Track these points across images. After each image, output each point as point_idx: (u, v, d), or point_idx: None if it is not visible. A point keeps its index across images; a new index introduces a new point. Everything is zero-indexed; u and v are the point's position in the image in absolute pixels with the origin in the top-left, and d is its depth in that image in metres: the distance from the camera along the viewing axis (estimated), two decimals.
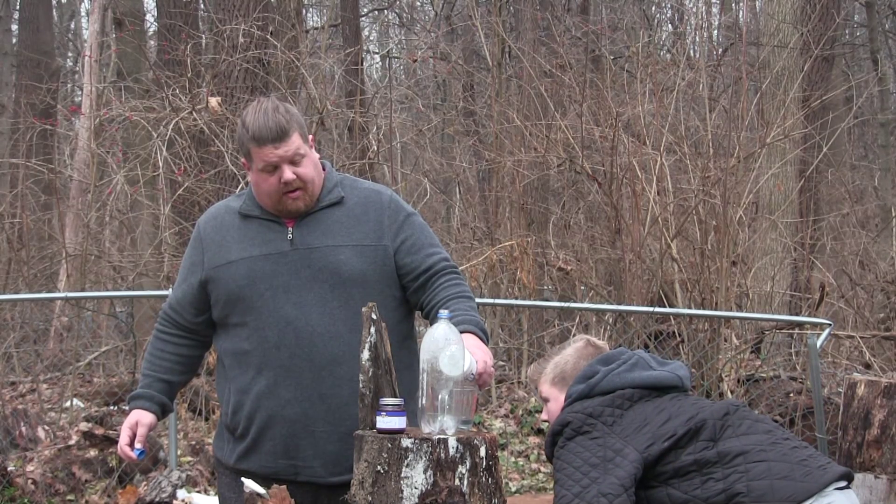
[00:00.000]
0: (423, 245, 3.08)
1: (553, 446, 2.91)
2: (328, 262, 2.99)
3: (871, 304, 8.90)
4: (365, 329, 2.74)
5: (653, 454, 2.78)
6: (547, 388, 3.15)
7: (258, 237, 3.05)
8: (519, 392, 8.31)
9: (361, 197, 3.10)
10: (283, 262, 3.00)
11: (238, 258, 3.04)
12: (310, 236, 3.03)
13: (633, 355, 3.07)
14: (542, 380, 3.17)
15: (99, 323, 9.43)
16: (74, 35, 22.13)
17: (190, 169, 8.75)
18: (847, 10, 15.46)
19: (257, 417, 3.01)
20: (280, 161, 2.97)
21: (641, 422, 2.87)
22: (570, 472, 2.81)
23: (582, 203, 10.22)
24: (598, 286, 8.75)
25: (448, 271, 3.08)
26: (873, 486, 4.37)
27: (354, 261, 3.00)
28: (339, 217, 3.06)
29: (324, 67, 10.24)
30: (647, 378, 2.98)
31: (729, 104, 10.17)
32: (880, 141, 17.59)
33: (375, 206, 3.08)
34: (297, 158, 2.98)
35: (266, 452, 3.01)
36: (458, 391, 2.64)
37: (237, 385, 3.05)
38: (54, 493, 6.10)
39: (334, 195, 3.08)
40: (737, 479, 2.73)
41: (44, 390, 8.17)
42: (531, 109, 9.98)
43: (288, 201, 3.01)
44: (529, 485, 6.82)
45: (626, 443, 2.83)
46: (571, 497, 2.75)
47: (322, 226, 3.04)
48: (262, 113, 2.98)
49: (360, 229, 3.04)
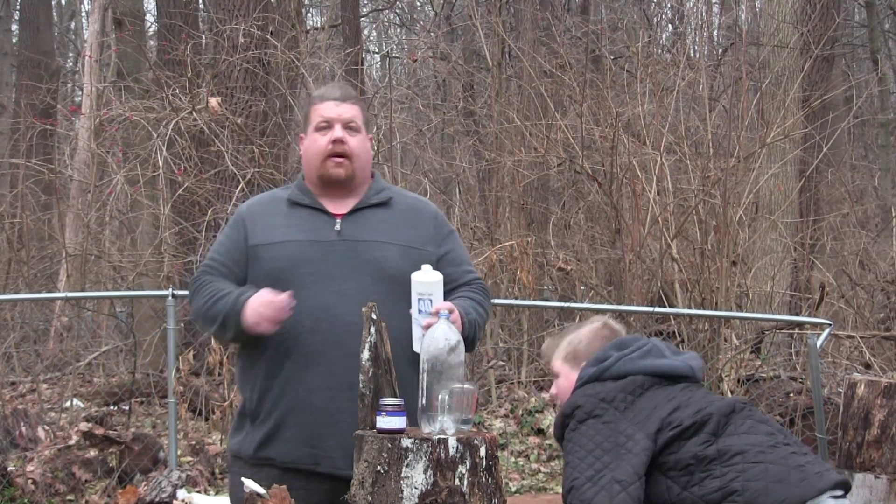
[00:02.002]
0: (463, 261, 3.20)
1: (563, 428, 2.90)
2: (373, 257, 3.03)
3: (871, 304, 8.90)
4: (365, 329, 2.74)
5: (660, 442, 2.78)
6: (559, 364, 3.15)
7: (305, 224, 3.09)
8: (519, 392, 8.31)
9: (409, 203, 3.21)
10: (328, 250, 3.03)
11: (283, 240, 3.06)
12: (357, 230, 3.08)
13: (648, 342, 3.06)
14: (555, 355, 3.17)
15: (99, 323, 9.43)
16: (74, 35, 22.13)
17: (190, 169, 8.75)
18: (847, 10, 15.46)
19: (282, 402, 3.00)
20: (335, 119, 3.09)
21: (651, 409, 2.86)
22: (582, 456, 2.79)
23: (582, 203, 10.22)
24: (598, 286, 8.75)
25: (479, 286, 3.17)
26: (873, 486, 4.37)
27: (399, 259, 3.05)
28: (386, 217, 3.13)
29: (324, 67, 10.24)
30: (659, 366, 2.97)
31: (729, 104, 10.18)
32: (880, 141, 17.59)
33: (423, 214, 3.18)
34: (351, 125, 3.10)
35: (288, 440, 2.99)
36: (457, 391, 2.64)
37: (265, 369, 3.04)
38: (54, 493, 6.10)
39: (383, 195, 3.16)
40: (733, 478, 2.71)
41: (44, 390, 8.17)
42: (531, 109, 9.98)
43: (330, 164, 3.10)
44: (529, 485, 6.82)
45: (637, 429, 2.81)
46: (584, 480, 2.74)
47: (370, 223, 3.10)
48: (337, 83, 3.25)
49: (407, 232, 3.11)
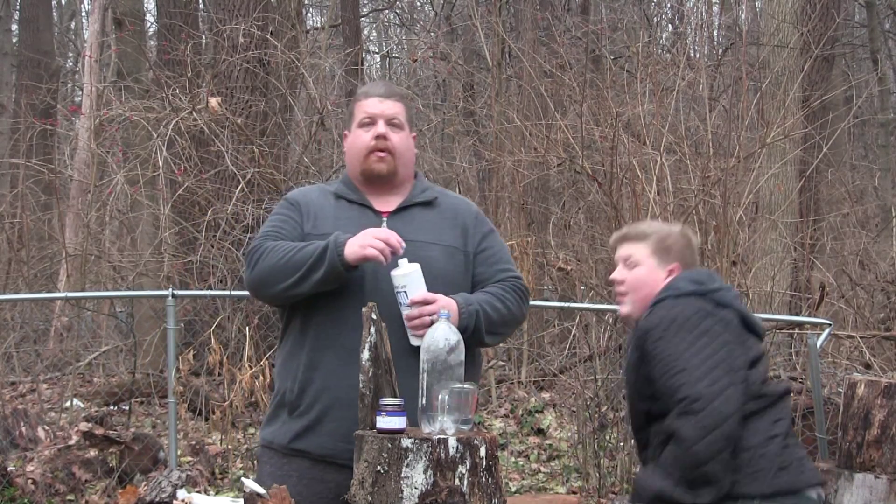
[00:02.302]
0: (500, 260, 3.20)
1: (660, 329, 2.86)
2: (418, 257, 3.02)
3: (871, 304, 8.90)
4: (365, 329, 2.74)
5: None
6: (645, 253, 3.09)
7: (353, 220, 3.11)
8: (519, 392, 8.31)
9: (451, 203, 3.24)
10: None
11: (333, 232, 3.05)
12: (403, 228, 3.08)
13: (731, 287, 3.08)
14: (643, 242, 3.11)
15: (99, 323, 9.44)
16: (74, 35, 22.12)
17: (190, 169, 8.75)
18: (847, 10, 15.46)
19: (325, 396, 3.00)
20: (379, 115, 3.13)
21: (743, 351, 2.88)
22: (695, 364, 2.76)
23: (582, 203, 10.22)
24: (598, 286, 8.74)
25: (511, 283, 3.15)
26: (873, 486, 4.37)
27: (443, 260, 3.08)
28: (431, 217, 3.16)
29: (324, 67, 10.23)
30: (748, 314, 2.98)
31: (729, 104, 10.17)
32: (880, 141, 17.58)
33: (465, 214, 3.21)
34: (394, 121, 3.14)
35: (326, 433, 2.98)
36: (457, 391, 2.64)
37: (308, 361, 3.04)
38: (54, 493, 6.10)
39: (427, 195, 3.21)
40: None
41: (44, 390, 8.18)
42: (531, 109, 9.98)
43: (373, 159, 3.13)
44: (529, 485, 6.82)
45: (742, 364, 2.84)
46: (696, 382, 2.74)
47: (415, 222, 3.13)
48: (382, 80, 3.21)
49: (451, 232, 3.15)
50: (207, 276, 8.22)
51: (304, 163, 9.49)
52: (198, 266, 8.23)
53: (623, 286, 3.10)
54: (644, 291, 3.06)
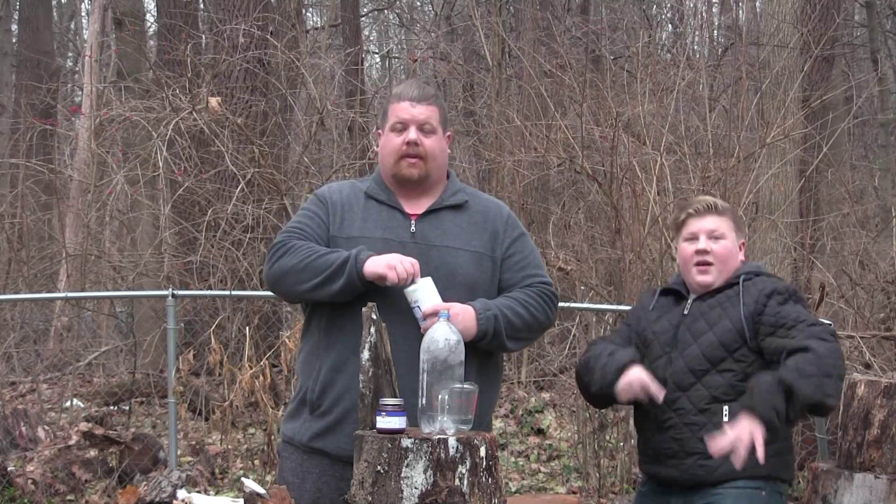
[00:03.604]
0: (528, 265, 3.18)
1: (792, 292, 3.20)
2: (445, 263, 3.03)
3: (871, 304, 8.88)
4: (365, 329, 2.74)
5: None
6: (728, 227, 3.33)
7: (381, 221, 3.10)
8: (519, 392, 8.30)
9: (482, 207, 3.21)
10: (402, 251, 3.02)
11: (360, 235, 3.07)
12: (431, 233, 3.08)
13: None
14: (725, 216, 3.34)
15: (99, 323, 9.44)
16: (74, 35, 22.11)
17: (190, 169, 8.74)
18: (847, 10, 15.44)
19: (346, 398, 3.00)
20: (410, 121, 3.11)
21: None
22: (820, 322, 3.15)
23: (582, 203, 10.21)
24: (598, 286, 8.74)
25: (537, 288, 3.14)
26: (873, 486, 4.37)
27: (470, 267, 3.06)
28: (460, 221, 3.14)
29: (324, 67, 10.23)
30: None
31: (729, 104, 10.17)
32: (880, 141, 17.57)
33: (495, 218, 3.18)
34: (426, 127, 3.12)
35: (347, 434, 2.97)
36: (457, 391, 2.64)
37: (331, 362, 3.05)
38: (54, 493, 6.10)
39: (458, 198, 3.18)
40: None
41: (44, 390, 8.18)
42: (531, 109, 9.97)
43: (404, 164, 3.11)
44: (529, 485, 6.82)
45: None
46: (828, 330, 3.07)
47: (444, 225, 3.11)
48: (415, 81, 3.18)
49: (480, 237, 3.13)
50: (207, 276, 8.22)
51: (304, 163, 9.49)
52: (198, 266, 8.23)
53: (711, 256, 3.28)
54: (730, 263, 3.30)
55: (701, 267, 3.27)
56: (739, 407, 3.01)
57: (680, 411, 3.19)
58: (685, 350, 3.21)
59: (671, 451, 3.21)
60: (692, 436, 3.16)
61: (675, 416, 3.19)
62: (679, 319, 3.28)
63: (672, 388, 3.19)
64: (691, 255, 3.29)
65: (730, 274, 3.29)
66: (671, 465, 3.22)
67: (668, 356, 3.24)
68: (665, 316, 3.32)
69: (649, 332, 3.32)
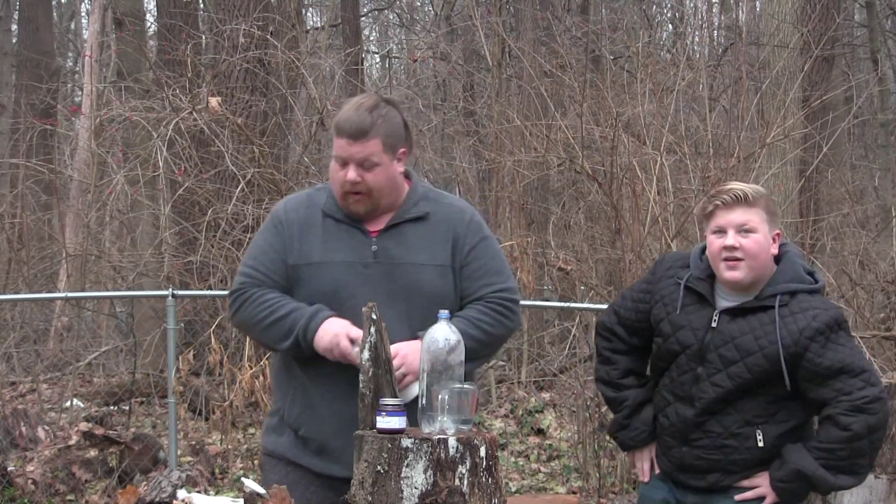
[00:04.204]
0: (485, 273, 3.06)
1: (837, 325, 3.04)
2: (410, 280, 2.97)
3: (871, 304, 8.88)
4: (365, 329, 2.74)
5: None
6: (760, 219, 3.09)
7: (341, 242, 3.01)
8: (519, 392, 8.30)
9: (445, 214, 3.07)
10: (365, 273, 2.97)
11: (321, 260, 2.99)
12: (394, 250, 3.00)
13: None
14: (756, 207, 3.09)
15: (99, 323, 9.44)
16: (74, 35, 22.11)
17: (190, 169, 8.74)
18: (847, 10, 15.44)
19: (328, 424, 2.99)
20: (348, 159, 2.94)
21: None
22: (868, 365, 3.06)
23: (582, 203, 10.20)
24: (598, 286, 8.74)
25: (494, 301, 3.05)
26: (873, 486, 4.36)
27: (436, 282, 3.00)
28: (423, 234, 3.03)
29: (324, 67, 10.23)
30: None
31: (729, 104, 10.17)
32: (880, 141, 17.58)
33: (456, 224, 3.06)
34: (367, 164, 2.93)
35: (328, 455, 2.99)
36: (457, 391, 2.64)
37: (308, 388, 3.01)
38: (54, 493, 6.10)
39: (419, 209, 3.05)
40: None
41: (44, 390, 8.18)
42: (531, 109, 9.97)
43: (350, 200, 2.99)
44: (529, 485, 6.82)
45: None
46: (875, 385, 3.01)
47: (406, 240, 3.01)
48: (356, 107, 2.94)
49: (443, 248, 3.03)
50: (207, 276, 8.22)
51: (304, 163, 9.49)
52: (198, 266, 8.23)
53: (740, 252, 3.06)
54: (761, 258, 3.08)
55: (730, 262, 3.07)
56: (770, 469, 3.08)
57: (711, 434, 3.10)
58: (714, 375, 3.07)
59: (698, 467, 3.14)
60: (723, 458, 3.10)
61: (705, 437, 3.11)
62: (705, 333, 3.10)
63: (699, 412, 3.10)
64: (719, 250, 3.08)
65: (763, 270, 3.09)
66: (694, 478, 3.16)
67: (693, 373, 3.12)
68: (690, 324, 3.13)
69: (674, 339, 3.15)
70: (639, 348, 3.30)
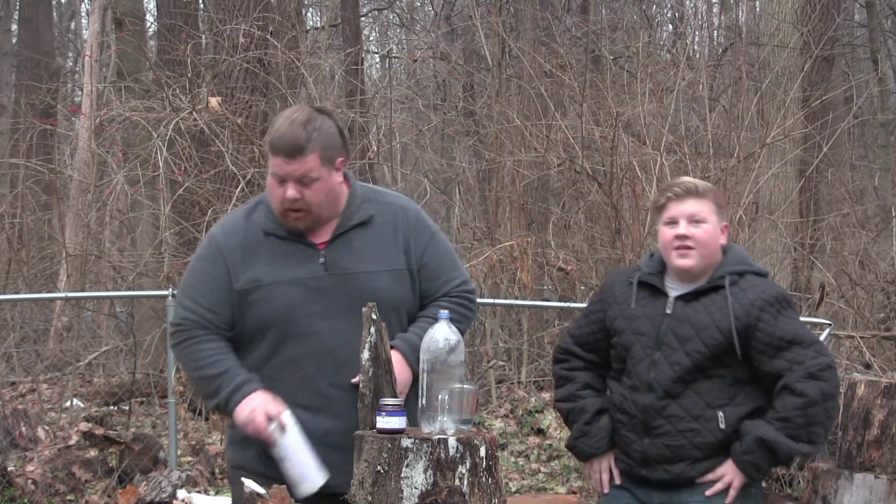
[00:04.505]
0: (444, 269, 3.06)
1: (785, 304, 3.18)
2: (365, 290, 2.91)
3: (871, 304, 8.89)
4: (365, 329, 2.74)
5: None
6: (709, 209, 3.22)
7: (288, 259, 2.94)
8: (519, 392, 8.30)
9: (389, 214, 3.02)
10: (317, 287, 2.92)
11: (270, 281, 2.92)
12: (343, 259, 2.95)
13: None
14: (705, 199, 3.24)
15: (99, 323, 9.44)
16: (74, 35, 22.11)
17: (190, 169, 8.75)
18: (847, 10, 15.45)
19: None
20: (286, 177, 2.86)
21: None
22: (816, 338, 3.21)
23: (582, 203, 10.21)
24: (598, 286, 8.74)
25: (456, 296, 3.06)
26: (873, 486, 4.37)
27: (391, 287, 2.95)
28: (370, 239, 2.98)
29: (324, 67, 10.24)
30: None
31: (729, 104, 10.17)
32: (880, 141, 17.58)
33: (403, 225, 3.02)
34: (306, 180, 2.86)
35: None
36: (457, 391, 2.64)
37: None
38: (54, 493, 6.10)
39: (363, 213, 2.99)
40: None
41: (44, 390, 8.18)
42: (531, 109, 9.97)
43: (290, 217, 2.92)
44: (529, 485, 6.82)
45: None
46: (824, 355, 3.13)
47: (355, 248, 2.96)
48: (289, 122, 2.86)
49: (394, 251, 2.99)
50: None
51: None
52: None
53: (691, 241, 3.20)
54: (711, 248, 3.22)
55: (681, 251, 3.20)
56: (731, 449, 3.13)
57: (673, 419, 3.13)
58: (671, 356, 3.14)
59: (661, 458, 3.16)
60: (687, 442, 3.13)
61: (668, 423, 3.14)
62: (660, 319, 3.19)
63: (661, 395, 3.14)
64: (671, 239, 3.21)
65: (713, 259, 3.22)
66: (660, 470, 3.17)
67: (650, 359, 3.17)
68: (646, 314, 3.22)
69: (630, 331, 3.23)
70: (596, 364, 3.35)
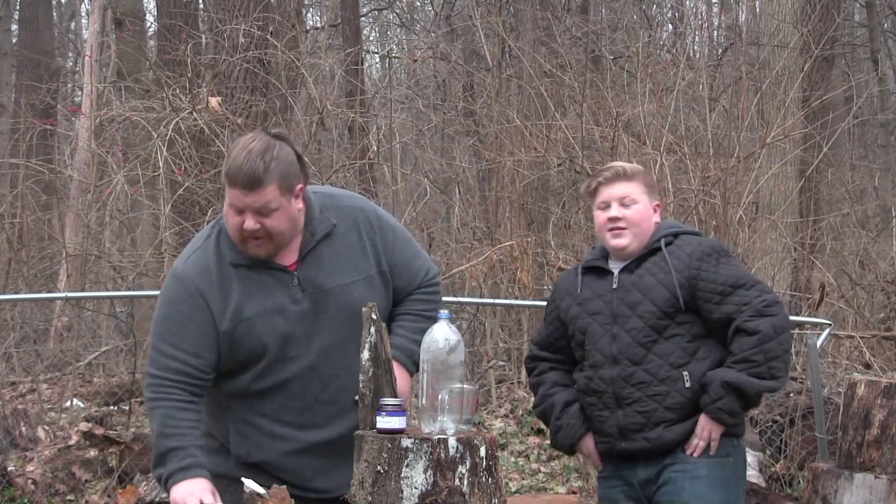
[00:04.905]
0: (411, 264, 3.08)
1: (723, 250, 3.33)
2: (343, 304, 2.92)
3: (871, 304, 8.89)
4: (365, 329, 2.74)
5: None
6: (639, 191, 3.36)
7: (263, 288, 2.91)
8: (519, 392, 8.30)
9: (350, 219, 2.99)
10: (297, 310, 2.91)
11: (252, 314, 2.90)
12: (317, 276, 2.93)
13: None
14: (634, 181, 3.37)
15: (99, 323, 9.43)
16: (74, 35, 22.10)
17: (190, 169, 8.75)
18: (847, 10, 15.45)
19: (279, 460, 2.97)
20: (245, 208, 2.82)
21: None
22: (758, 279, 3.35)
23: (582, 203, 10.21)
24: None
25: (426, 288, 3.10)
26: (873, 486, 4.37)
27: (368, 294, 2.94)
28: (337, 249, 2.96)
29: (324, 67, 10.23)
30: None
31: (729, 104, 10.17)
32: (880, 141, 17.58)
33: (366, 229, 3.01)
34: (265, 211, 2.82)
35: (286, 475, 2.95)
36: (457, 391, 2.64)
37: (249, 419, 2.97)
38: (54, 493, 6.10)
39: (325, 225, 2.96)
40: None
41: (44, 390, 8.17)
42: (531, 109, 9.97)
43: (250, 246, 2.88)
44: (529, 485, 6.82)
45: None
46: (769, 292, 3.25)
47: (325, 263, 2.95)
48: (246, 153, 2.79)
49: (362, 258, 2.98)
50: None
51: None
52: None
53: (624, 222, 3.33)
54: (644, 226, 3.36)
55: (615, 231, 3.34)
56: (701, 402, 3.21)
57: (641, 385, 3.24)
58: (626, 323, 3.27)
59: (637, 426, 3.25)
60: (658, 406, 3.23)
61: (637, 391, 3.24)
62: (610, 295, 3.32)
63: (625, 364, 3.25)
64: (605, 221, 3.37)
65: (647, 236, 3.34)
66: (639, 439, 3.26)
67: (609, 333, 3.28)
68: (596, 294, 3.35)
69: (584, 315, 3.35)
70: (563, 362, 3.49)
